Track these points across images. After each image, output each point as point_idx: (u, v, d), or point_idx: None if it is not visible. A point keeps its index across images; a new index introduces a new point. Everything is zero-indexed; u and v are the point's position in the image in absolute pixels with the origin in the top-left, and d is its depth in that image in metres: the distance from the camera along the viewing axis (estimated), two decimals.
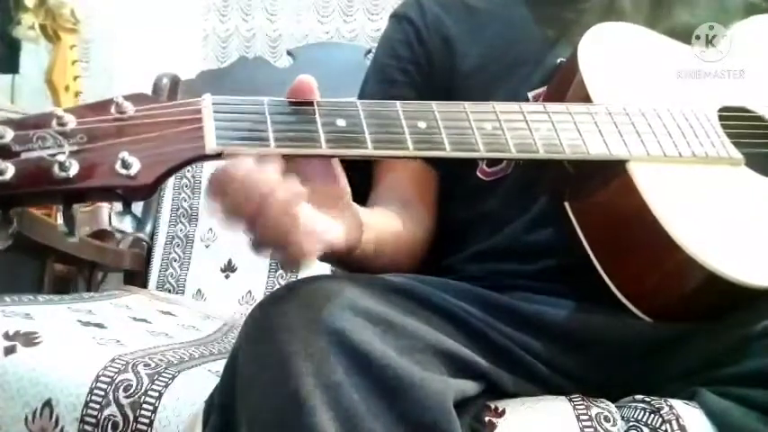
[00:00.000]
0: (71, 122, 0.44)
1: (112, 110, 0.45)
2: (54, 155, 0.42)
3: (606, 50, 0.69)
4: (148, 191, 0.44)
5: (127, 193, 0.44)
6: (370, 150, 0.50)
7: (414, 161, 0.77)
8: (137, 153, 0.43)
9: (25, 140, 0.42)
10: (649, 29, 0.74)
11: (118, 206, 0.45)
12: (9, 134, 0.42)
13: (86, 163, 0.42)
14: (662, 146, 0.61)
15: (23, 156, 0.42)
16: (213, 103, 0.47)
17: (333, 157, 0.50)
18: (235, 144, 0.46)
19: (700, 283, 0.57)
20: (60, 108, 0.44)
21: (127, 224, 0.46)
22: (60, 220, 0.44)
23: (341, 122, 0.50)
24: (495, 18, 0.81)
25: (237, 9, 1.90)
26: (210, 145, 0.45)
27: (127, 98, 0.46)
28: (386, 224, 0.68)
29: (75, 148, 0.43)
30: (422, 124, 0.52)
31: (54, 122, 0.43)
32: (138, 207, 0.43)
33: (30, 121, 0.43)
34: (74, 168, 0.42)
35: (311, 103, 0.50)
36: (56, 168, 0.41)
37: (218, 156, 0.46)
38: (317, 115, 0.49)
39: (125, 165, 0.43)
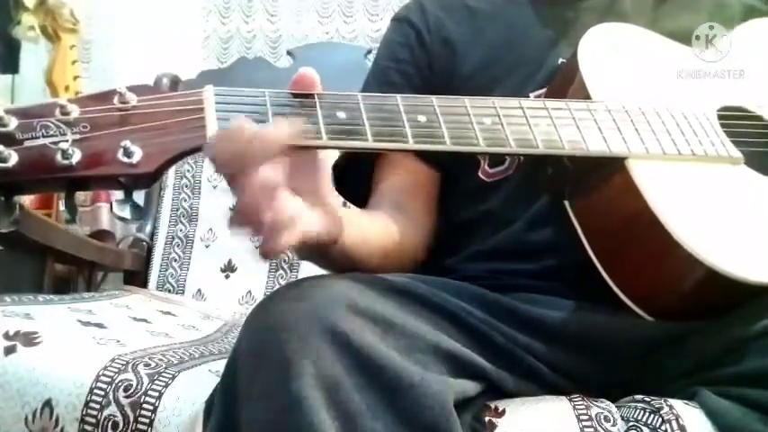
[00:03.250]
0: (74, 112, 0.44)
1: (115, 100, 0.46)
2: (57, 143, 0.43)
3: (606, 50, 0.69)
4: (150, 179, 0.44)
5: (129, 182, 0.44)
6: (369, 143, 0.50)
7: (414, 163, 0.77)
8: (139, 142, 0.44)
9: (29, 129, 0.43)
10: (650, 30, 0.74)
11: (119, 194, 0.45)
12: (13, 122, 0.43)
13: (89, 151, 0.43)
14: (661, 144, 0.61)
15: (27, 143, 0.42)
16: (215, 94, 0.48)
17: (333, 148, 0.50)
18: None
19: (699, 280, 0.57)
20: (64, 98, 0.45)
21: (128, 215, 0.46)
22: (62, 208, 0.45)
23: (341, 115, 0.50)
24: (496, 19, 0.81)
25: (238, 10, 1.90)
26: (212, 134, 0.46)
27: (130, 89, 0.46)
28: (378, 226, 0.68)
29: (78, 136, 0.43)
30: (422, 118, 0.52)
31: (57, 111, 0.44)
32: (139, 200, 0.44)
33: (34, 110, 0.44)
34: (76, 156, 0.43)
35: (312, 96, 0.50)
36: (59, 156, 0.42)
37: None
38: (317, 107, 0.50)
39: (127, 153, 0.43)
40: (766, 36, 0.79)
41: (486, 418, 0.56)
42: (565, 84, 0.68)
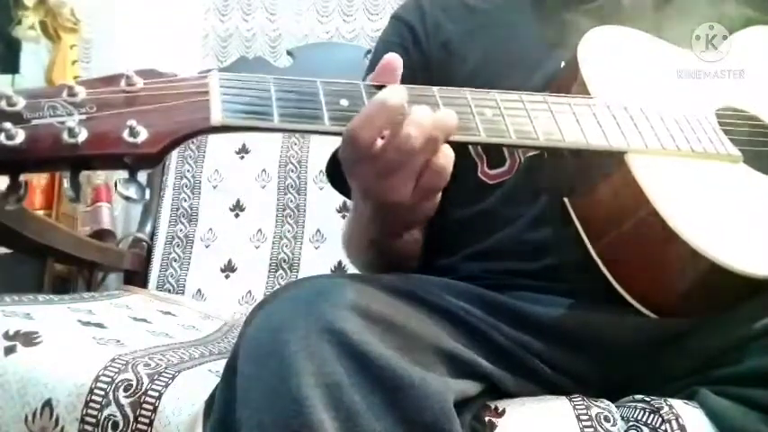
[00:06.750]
0: (81, 93, 0.45)
1: (122, 83, 0.47)
2: (64, 122, 0.43)
3: (606, 53, 0.70)
4: (154, 160, 0.45)
5: (133, 162, 0.45)
6: None
7: None
8: (144, 122, 0.44)
9: (36, 108, 0.43)
10: (649, 33, 0.75)
11: (123, 174, 0.46)
12: (21, 102, 0.43)
13: (95, 130, 0.43)
14: (660, 140, 0.62)
15: (34, 122, 0.43)
16: (220, 78, 0.48)
17: (335, 134, 0.51)
18: (240, 117, 0.47)
19: (701, 274, 0.57)
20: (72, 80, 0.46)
21: (133, 194, 0.47)
22: (66, 185, 0.45)
23: (344, 102, 0.51)
24: (495, 19, 0.81)
25: (237, 9, 1.90)
26: (216, 117, 0.46)
27: (137, 72, 0.47)
28: None
29: (85, 116, 0.44)
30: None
31: (65, 93, 0.45)
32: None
33: (41, 92, 0.45)
34: (82, 135, 0.43)
35: (315, 83, 0.51)
36: (65, 135, 0.43)
37: (223, 129, 0.47)
38: (320, 94, 0.50)
39: (132, 133, 0.44)
40: (763, 41, 0.79)
41: (486, 418, 0.56)
42: (566, 85, 0.69)
